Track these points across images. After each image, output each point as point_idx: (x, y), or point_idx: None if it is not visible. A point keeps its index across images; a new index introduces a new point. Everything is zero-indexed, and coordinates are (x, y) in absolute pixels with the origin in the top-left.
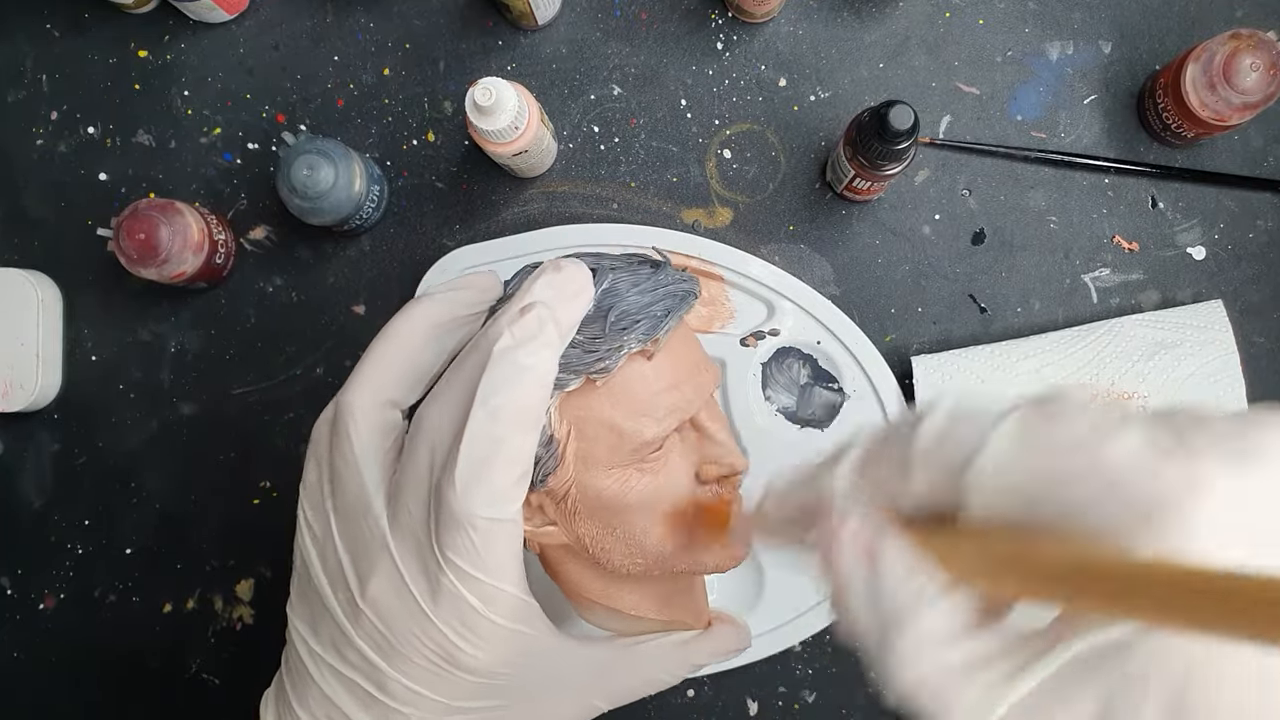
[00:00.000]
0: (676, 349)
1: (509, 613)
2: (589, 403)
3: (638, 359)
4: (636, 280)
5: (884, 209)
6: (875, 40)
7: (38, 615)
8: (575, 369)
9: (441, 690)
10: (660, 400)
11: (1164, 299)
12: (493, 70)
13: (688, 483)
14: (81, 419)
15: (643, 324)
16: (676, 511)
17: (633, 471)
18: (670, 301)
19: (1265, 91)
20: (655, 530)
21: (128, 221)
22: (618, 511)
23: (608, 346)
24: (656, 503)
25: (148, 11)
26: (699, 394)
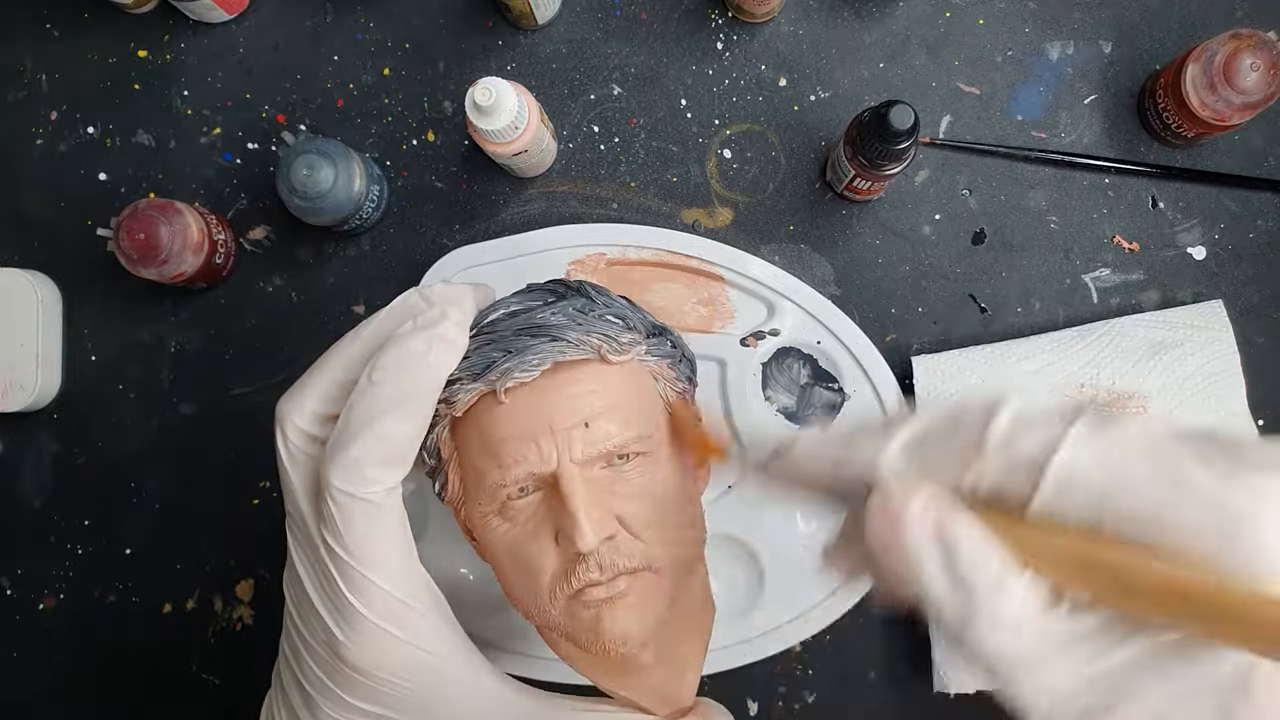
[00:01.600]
0: (550, 396)
1: (377, 607)
2: (461, 435)
3: (490, 400)
4: (524, 310)
5: (884, 209)
6: (875, 40)
7: (37, 615)
8: (444, 399)
9: (336, 681)
10: (506, 447)
11: (1164, 299)
12: (493, 70)
13: (546, 544)
14: (81, 419)
15: (476, 361)
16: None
17: (494, 514)
18: (528, 341)
19: (1266, 91)
20: (518, 583)
21: (127, 221)
22: (489, 551)
23: (461, 387)
24: (513, 553)
25: (147, 11)
26: (564, 451)
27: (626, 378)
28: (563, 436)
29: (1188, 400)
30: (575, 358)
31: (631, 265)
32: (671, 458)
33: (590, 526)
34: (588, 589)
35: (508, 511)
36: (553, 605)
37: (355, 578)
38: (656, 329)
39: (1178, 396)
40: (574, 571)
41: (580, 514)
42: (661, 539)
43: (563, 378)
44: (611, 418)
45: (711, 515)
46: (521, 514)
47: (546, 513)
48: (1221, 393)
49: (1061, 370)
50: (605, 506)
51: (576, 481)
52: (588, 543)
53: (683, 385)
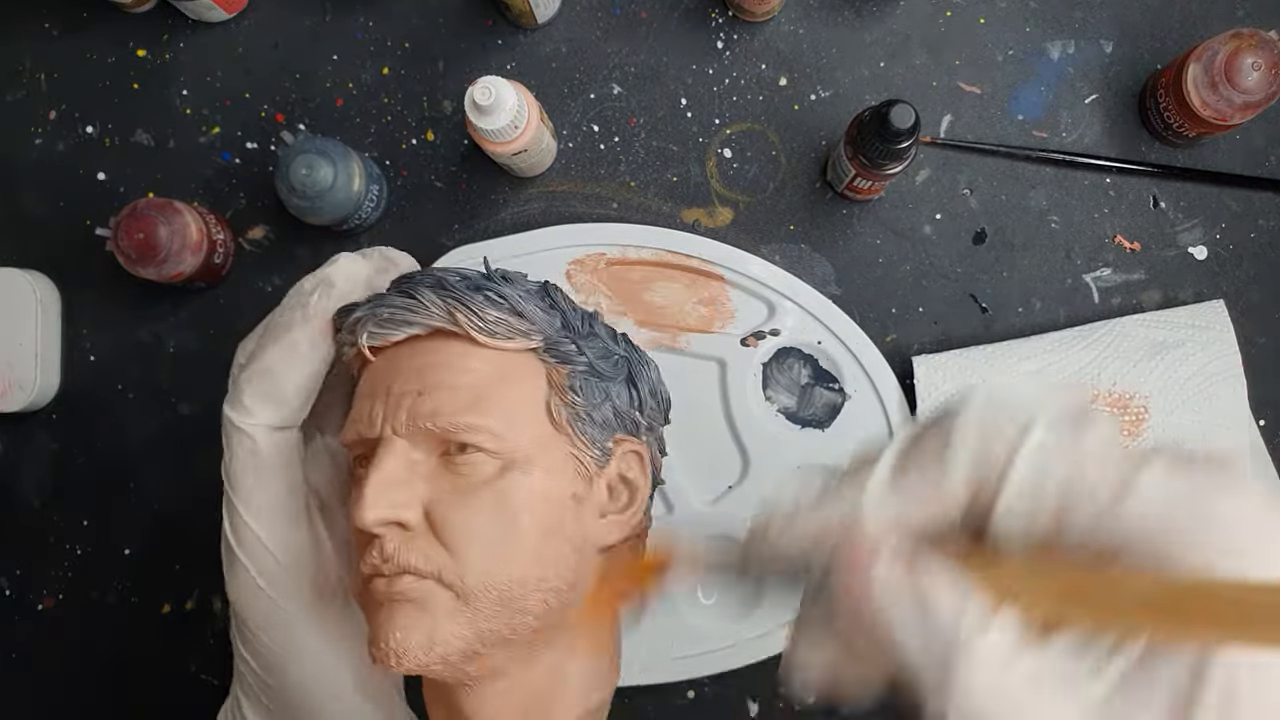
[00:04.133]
0: (403, 361)
1: (249, 550)
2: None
3: (364, 358)
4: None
5: (885, 208)
6: (876, 39)
7: (36, 616)
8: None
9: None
10: (356, 405)
11: (1165, 299)
12: (492, 69)
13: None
14: (80, 419)
15: (343, 315)
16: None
17: (350, 475)
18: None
19: (1267, 91)
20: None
21: (126, 221)
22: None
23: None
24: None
25: (146, 11)
26: (387, 418)
27: (500, 367)
28: (394, 402)
29: (1189, 400)
30: (432, 323)
31: (631, 265)
32: (538, 476)
33: (372, 501)
34: (374, 579)
35: (355, 474)
36: (357, 587)
37: (231, 512)
38: (578, 334)
39: (1179, 396)
40: (364, 553)
41: (369, 484)
42: (481, 559)
43: (425, 346)
44: (454, 397)
45: (711, 516)
46: (360, 479)
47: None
48: (1223, 393)
49: (1063, 370)
50: (412, 491)
51: (387, 450)
52: (363, 516)
53: (584, 403)
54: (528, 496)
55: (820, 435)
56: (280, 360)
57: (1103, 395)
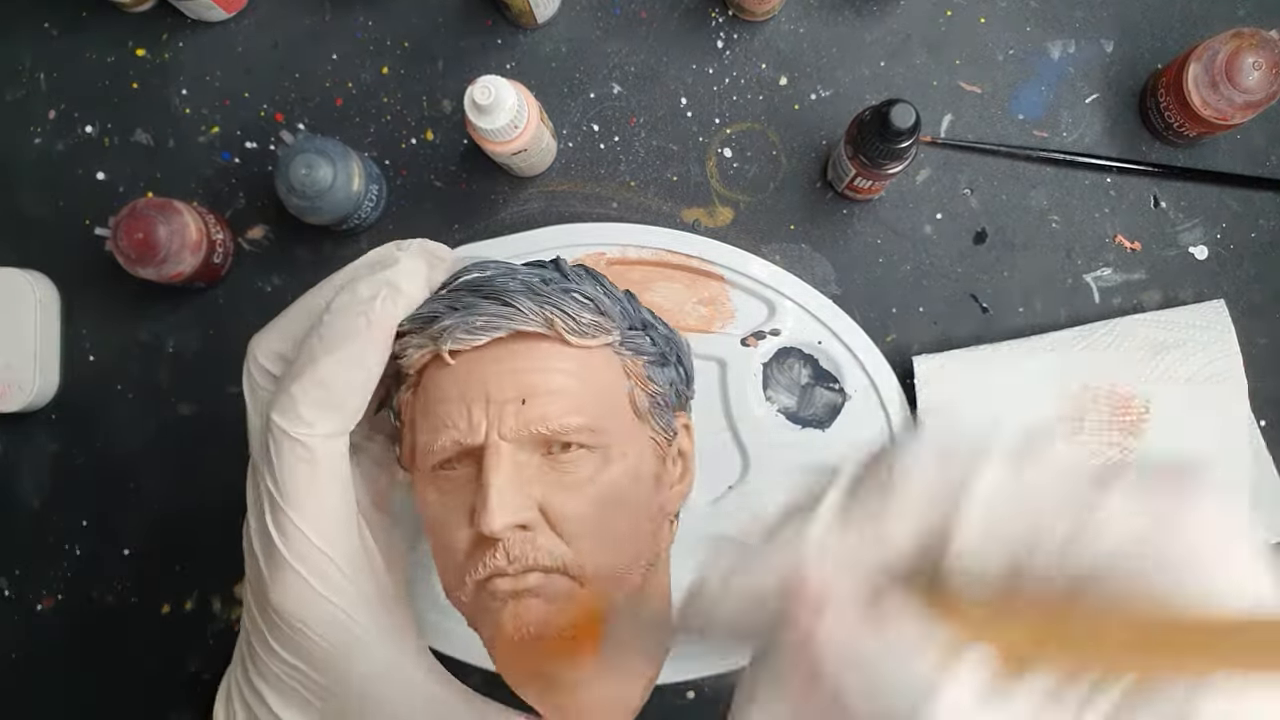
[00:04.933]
0: (494, 366)
1: (300, 553)
2: (417, 394)
3: (439, 362)
4: (472, 278)
5: (885, 208)
6: (876, 39)
7: (36, 616)
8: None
9: (266, 624)
10: (440, 411)
11: (1166, 299)
12: (492, 69)
13: (463, 522)
14: (79, 419)
15: (424, 321)
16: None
17: (428, 483)
18: (474, 301)
19: (1267, 90)
20: (439, 557)
21: (126, 221)
22: (423, 518)
23: (415, 343)
24: (434, 525)
25: (146, 10)
26: (496, 425)
27: (588, 364)
28: (496, 409)
29: (1189, 400)
30: (528, 329)
31: (632, 265)
32: (631, 462)
33: (499, 507)
34: (494, 579)
35: (439, 482)
36: (462, 590)
37: (281, 518)
38: (640, 324)
39: (1179, 396)
40: (482, 557)
41: (491, 491)
42: (596, 546)
43: (513, 349)
44: (555, 400)
45: (710, 516)
46: (450, 486)
47: (468, 488)
48: (1223, 393)
49: (1063, 370)
50: (527, 493)
51: (498, 457)
52: (491, 523)
53: (660, 389)
54: (627, 484)
55: (820, 435)
56: (341, 370)
57: (1103, 395)
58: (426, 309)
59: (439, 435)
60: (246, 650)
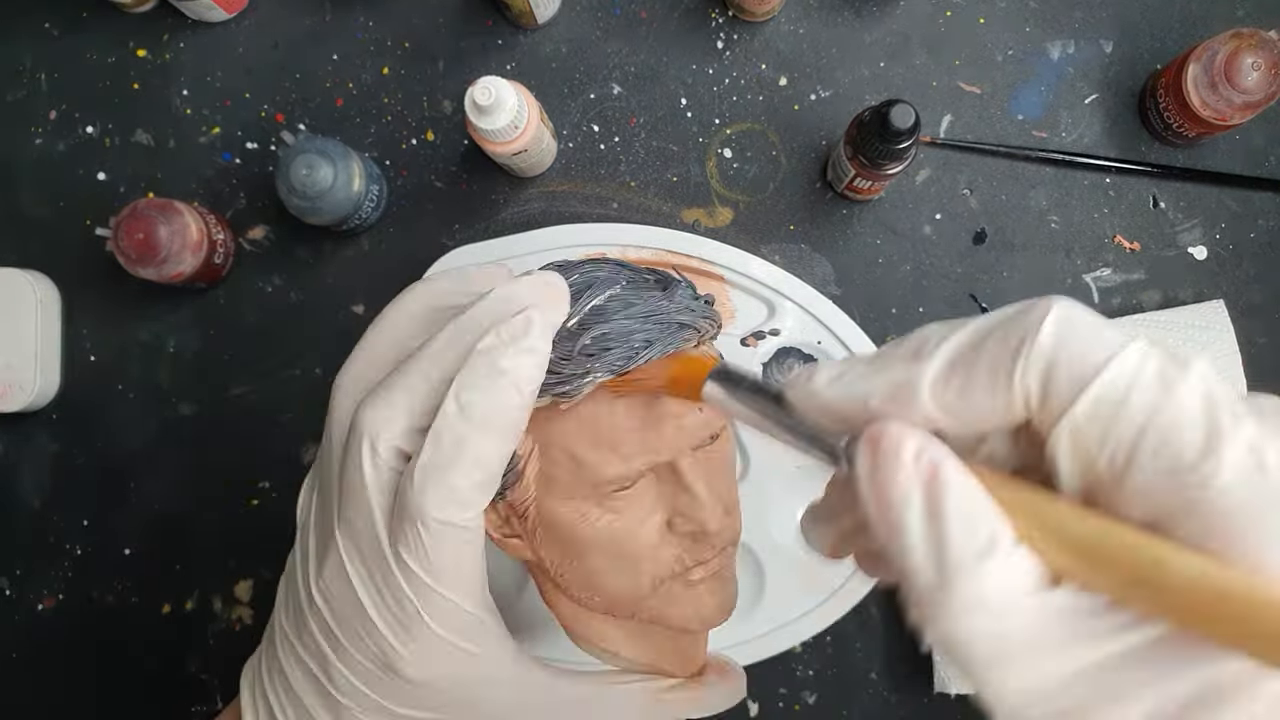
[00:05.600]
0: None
1: (453, 625)
2: (554, 426)
3: (603, 389)
4: (630, 302)
5: (885, 208)
6: (876, 39)
7: (36, 616)
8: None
9: (380, 690)
10: (628, 438)
11: (1165, 299)
12: (492, 69)
13: (654, 532)
14: (80, 419)
15: (615, 353)
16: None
17: (592, 506)
18: (656, 331)
19: (1266, 91)
20: (612, 574)
21: (126, 221)
22: (573, 543)
23: (572, 371)
24: (616, 544)
25: (147, 11)
26: (681, 439)
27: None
28: (679, 424)
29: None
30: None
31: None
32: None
33: (716, 504)
34: (695, 569)
35: (611, 502)
36: (653, 592)
37: (435, 599)
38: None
39: None
40: (691, 552)
41: (706, 494)
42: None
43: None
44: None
45: None
46: (629, 503)
47: (657, 498)
48: None
49: None
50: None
51: (700, 467)
52: (720, 521)
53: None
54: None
55: None
56: (496, 447)
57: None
58: (594, 343)
59: (634, 461)
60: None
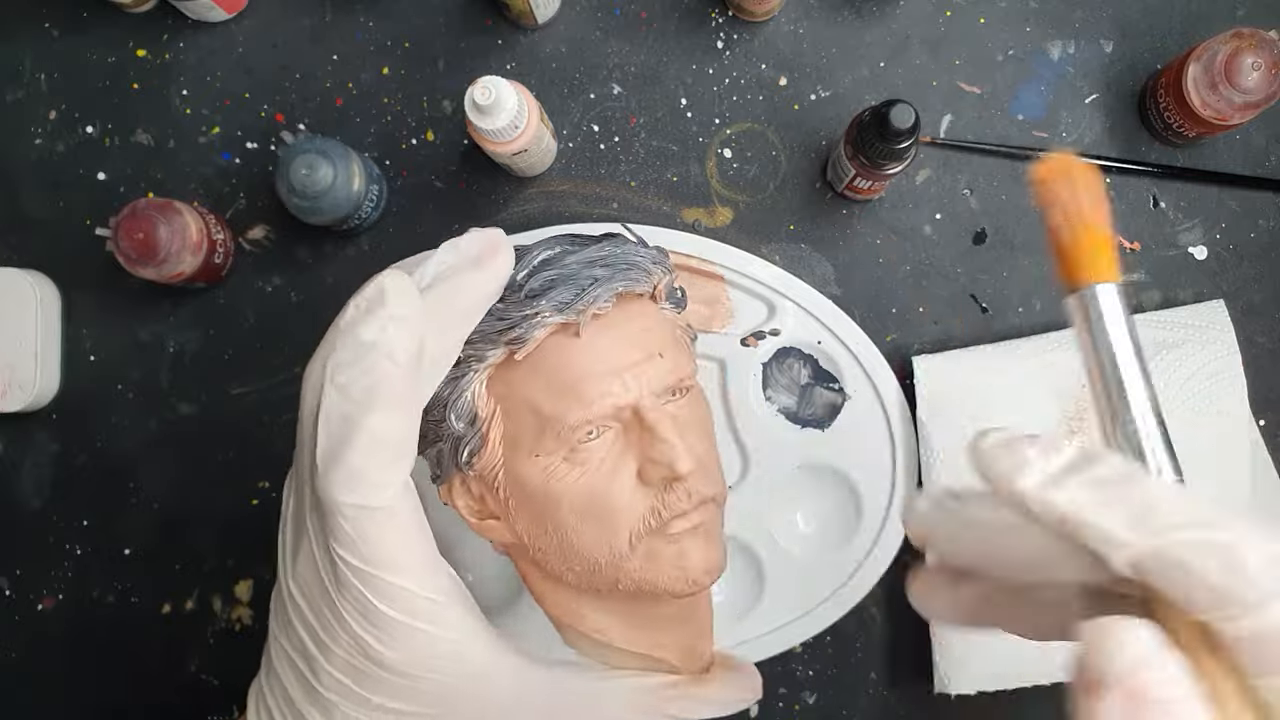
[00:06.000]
0: (623, 328)
1: (406, 608)
2: (512, 378)
3: (564, 333)
4: (574, 251)
5: (885, 208)
6: (876, 39)
7: (36, 616)
8: (491, 339)
9: (364, 684)
10: (589, 384)
11: (1165, 299)
12: (492, 69)
13: (626, 483)
14: (80, 419)
15: (559, 292)
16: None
17: (560, 462)
18: (605, 271)
19: (1267, 91)
20: (588, 533)
21: (126, 221)
22: (545, 505)
23: (520, 314)
24: (588, 499)
25: (146, 11)
26: (643, 383)
27: (661, 313)
28: (640, 369)
29: (1189, 400)
30: (641, 291)
31: None
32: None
33: (687, 449)
34: (673, 521)
35: (579, 455)
36: (632, 550)
37: (380, 585)
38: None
39: (1178, 396)
40: (663, 503)
41: (676, 438)
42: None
43: (627, 312)
44: (673, 351)
45: None
46: (594, 455)
47: (625, 449)
48: (1223, 393)
49: (1063, 370)
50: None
51: (659, 411)
52: (687, 464)
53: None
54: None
55: (820, 435)
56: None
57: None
58: (542, 289)
59: (595, 405)
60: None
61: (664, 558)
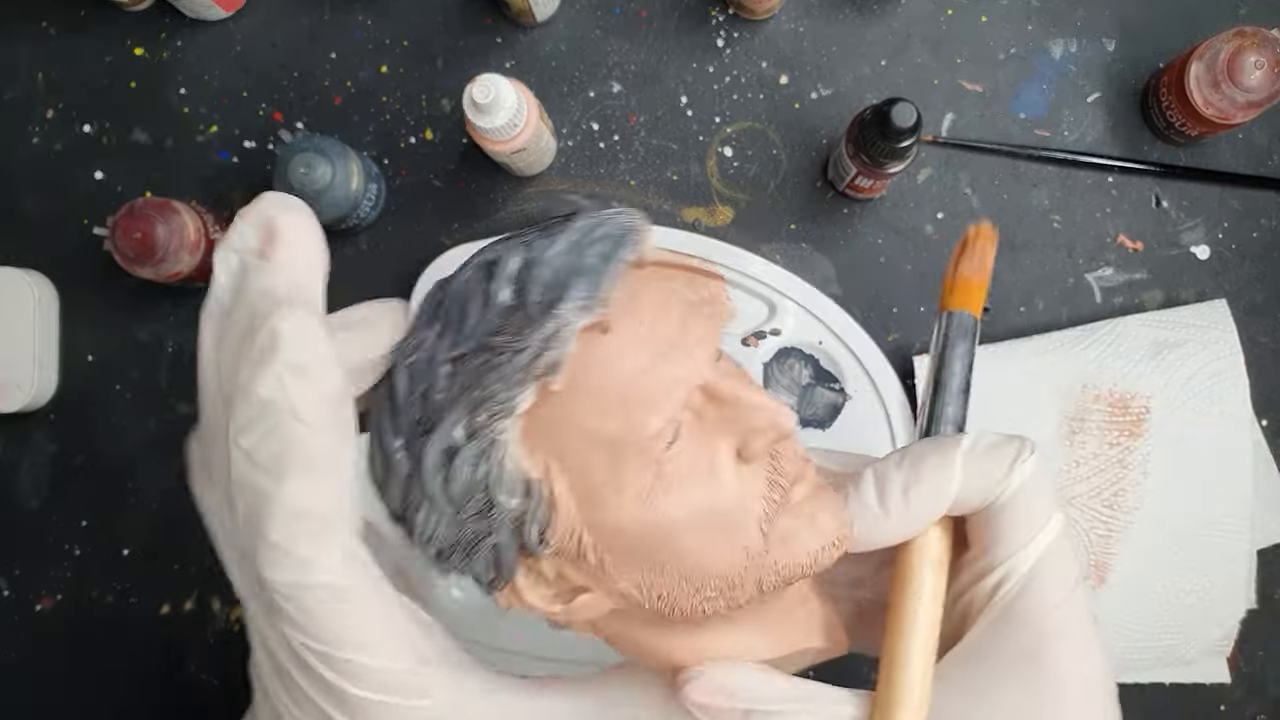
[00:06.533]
0: (645, 302)
1: (381, 686)
2: (555, 417)
3: (593, 335)
4: (552, 239)
5: (886, 207)
6: (877, 37)
7: (35, 617)
8: (515, 381)
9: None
10: (648, 379)
11: (1168, 298)
12: (491, 67)
13: (731, 473)
14: (78, 420)
15: (578, 285)
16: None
17: (651, 482)
18: (605, 246)
19: (1269, 89)
20: (715, 547)
21: (124, 220)
22: (658, 542)
23: (544, 333)
24: (700, 509)
25: (144, 9)
26: (698, 354)
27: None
28: (686, 339)
29: (1190, 400)
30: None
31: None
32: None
33: (769, 398)
34: (794, 489)
35: (669, 468)
36: (766, 541)
37: (343, 666)
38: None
39: (1180, 396)
40: (778, 474)
41: (764, 396)
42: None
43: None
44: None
45: None
46: (685, 460)
47: (705, 438)
48: (1225, 393)
49: (1064, 370)
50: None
51: (727, 375)
52: (787, 414)
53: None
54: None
55: (820, 435)
56: (308, 486)
57: (1104, 395)
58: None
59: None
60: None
61: (799, 533)
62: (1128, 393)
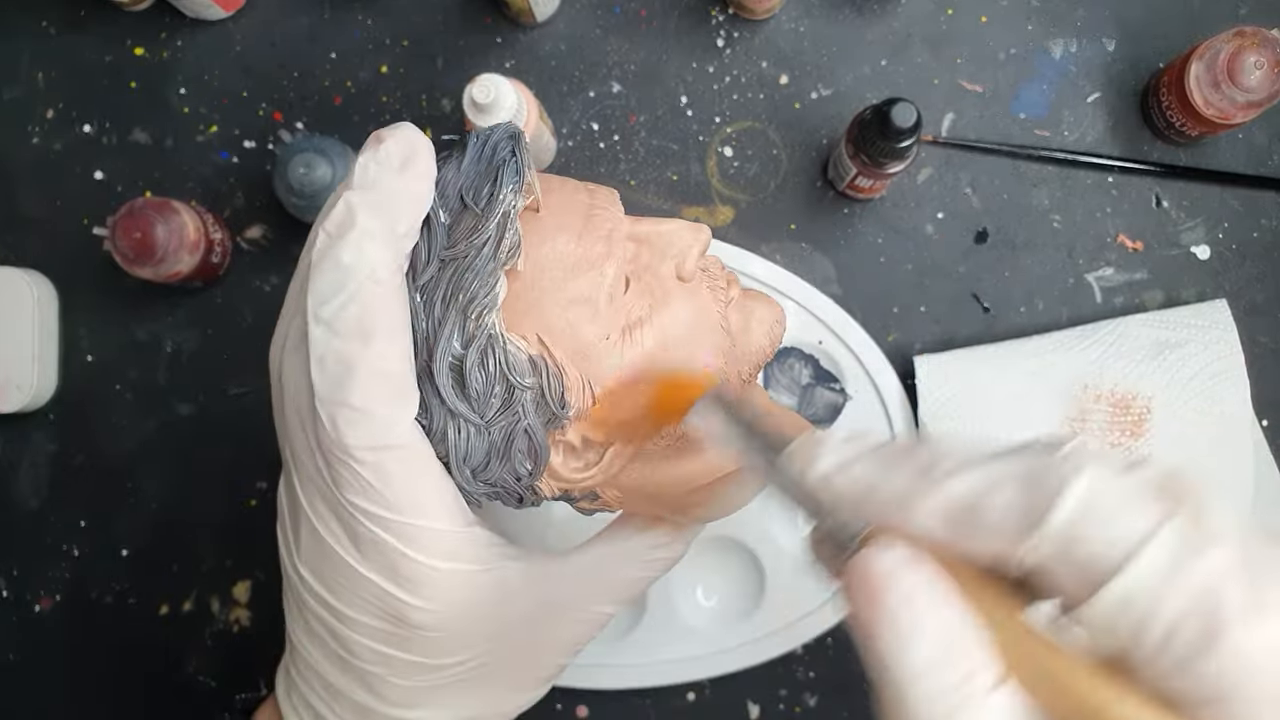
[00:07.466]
0: (552, 185)
1: (440, 550)
2: (531, 295)
3: (530, 215)
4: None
5: (886, 207)
6: (877, 37)
7: (34, 617)
8: (487, 273)
9: (409, 648)
10: (588, 239)
11: (1168, 298)
12: (491, 67)
13: (680, 294)
14: (78, 420)
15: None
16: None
17: (623, 329)
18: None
19: (1269, 90)
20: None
21: (124, 220)
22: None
23: (495, 222)
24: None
25: (144, 9)
26: (614, 208)
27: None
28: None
29: (1191, 400)
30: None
31: None
32: None
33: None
34: (730, 289)
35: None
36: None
37: (410, 531)
38: None
39: (1181, 396)
40: (714, 279)
41: (675, 220)
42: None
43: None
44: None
45: None
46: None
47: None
48: (1225, 393)
49: (1064, 370)
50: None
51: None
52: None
53: None
54: None
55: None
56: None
57: (1105, 395)
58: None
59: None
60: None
61: (748, 321)
62: (1129, 393)
